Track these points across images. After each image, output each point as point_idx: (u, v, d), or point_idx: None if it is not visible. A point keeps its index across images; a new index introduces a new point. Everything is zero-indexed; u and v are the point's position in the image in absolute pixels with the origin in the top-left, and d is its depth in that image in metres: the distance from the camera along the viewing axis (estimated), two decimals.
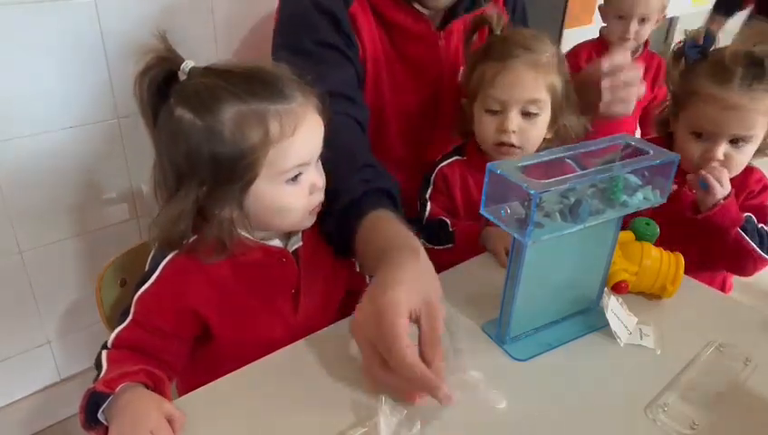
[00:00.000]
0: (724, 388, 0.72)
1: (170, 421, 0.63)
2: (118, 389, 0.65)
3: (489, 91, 0.98)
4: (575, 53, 1.97)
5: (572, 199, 0.69)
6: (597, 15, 2.64)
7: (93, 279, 0.93)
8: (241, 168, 0.70)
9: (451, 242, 1.02)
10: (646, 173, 0.72)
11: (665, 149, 0.73)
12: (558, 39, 2.47)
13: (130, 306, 0.76)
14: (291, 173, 0.73)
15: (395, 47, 1.04)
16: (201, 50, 1.35)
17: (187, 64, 0.72)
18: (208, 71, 0.72)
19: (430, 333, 0.65)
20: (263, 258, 0.78)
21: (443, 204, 1.08)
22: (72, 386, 1.50)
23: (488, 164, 0.68)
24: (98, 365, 0.72)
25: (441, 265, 0.82)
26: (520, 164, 0.68)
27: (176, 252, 0.76)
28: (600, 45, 1.94)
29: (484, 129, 1.00)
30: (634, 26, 1.78)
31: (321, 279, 0.86)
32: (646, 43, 1.89)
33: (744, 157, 1.01)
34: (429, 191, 1.08)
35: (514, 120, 0.98)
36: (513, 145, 0.99)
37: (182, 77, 0.73)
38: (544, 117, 1.00)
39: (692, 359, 0.76)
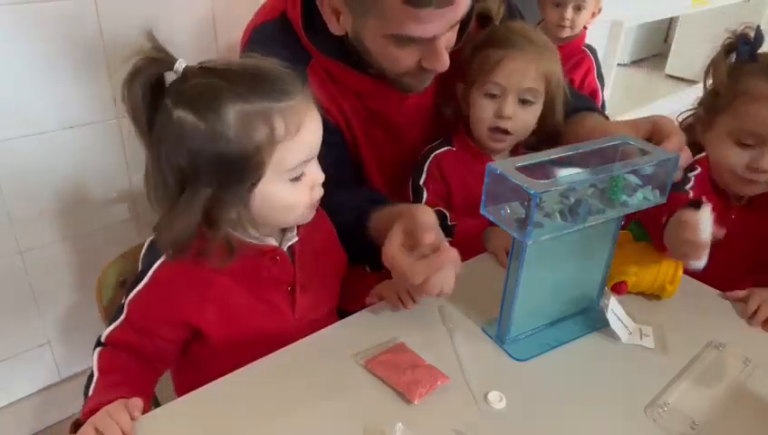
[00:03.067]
0: (724, 388, 0.72)
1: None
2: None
3: (490, 76, 0.99)
4: None
5: (572, 199, 0.69)
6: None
7: (93, 279, 0.93)
8: (248, 168, 0.69)
9: (449, 236, 1.02)
10: (647, 172, 0.72)
11: (663, 149, 0.73)
12: None
13: (124, 305, 0.76)
14: (295, 171, 0.72)
15: (364, 107, 1.03)
16: (201, 50, 1.35)
17: (181, 64, 0.69)
18: (205, 70, 0.70)
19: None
20: (256, 257, 0.78)
21: (438, 191, 1.08)
22: (71, 386, 1.50)
23: (488, 164, 0.69)
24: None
25: None
26: (519, 164, 0.68)
27: (165, 256, 0.74)
28: None
29: (482, 112, 1.02)
30: (569, 13, 1.84)
31: (318, 274, 0.86)
32: (583, 35, 1.94)
33: None
34: (423, 178, 1.08)
35: (511, 106, 1.00)
36: (506, 131, 1.01)
37: (174, 77, 0.70)
38: (538, 106, 1.02)
39: (692, 359, 0.76)
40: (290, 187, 0.73)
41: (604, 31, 2.72)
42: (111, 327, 0.76)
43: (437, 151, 1.09)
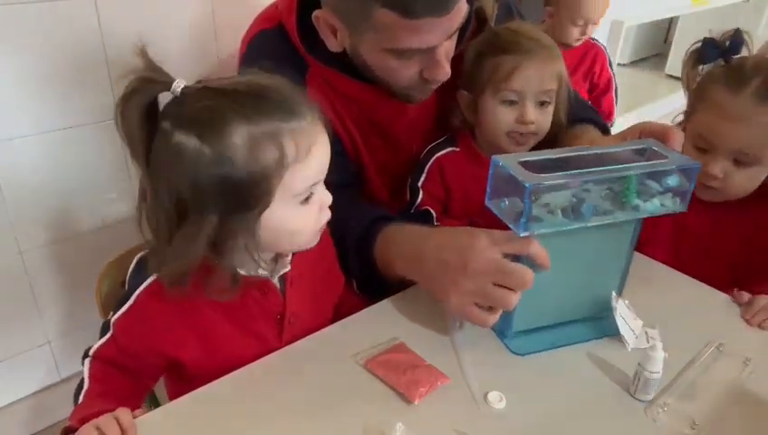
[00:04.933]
0: (724, 388, 0.72)
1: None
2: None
3: (506, 84, 0.98)
4: None
5: (578, 197, 0.69)
6: None
7: (93, 279, 0.93)
8: (256, 194, 0.64)
9: None
10: (668, 181, 0.71)
11: (685, 156, 0.72)
12: None
13: (110, 323, 0.74)
14: (304, 194, 0.68)
15: (363, 115, 1.03)
16: (201, 50, 1.35)
17: (179, 84, 0.64)
18: (206, 90, 0.64)
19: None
20: (244, 288, 0.72)
21: (436, 193, 1.07)
22: (71, 386, 1.49)
23: (492, 157, 0.69)
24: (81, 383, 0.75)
25: None
26: (535, 159, 0.69)
27: (153, 278, 0.71)
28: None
29: (500, 119, 1.01)
30: (590, 30, 1.90)
31: (309, 301, 0.82)
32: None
33: (747, 181, 0.92)
34: (422, 180, 1.07)
35: (532, 110, 0.99)
36: (531, 133, 1.01)
37: (168, 98, 0.65)
38: (553, 105, 1.03)
39: (692, 359, 0.76)
40: (298, 210, 0.69)
41: (604, 31, 2.72)
42: (99, 343, 0.75)
43: (440, 153, 1.08)
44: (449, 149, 1.08)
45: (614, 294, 0.79)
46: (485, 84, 1.00)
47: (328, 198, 0.73)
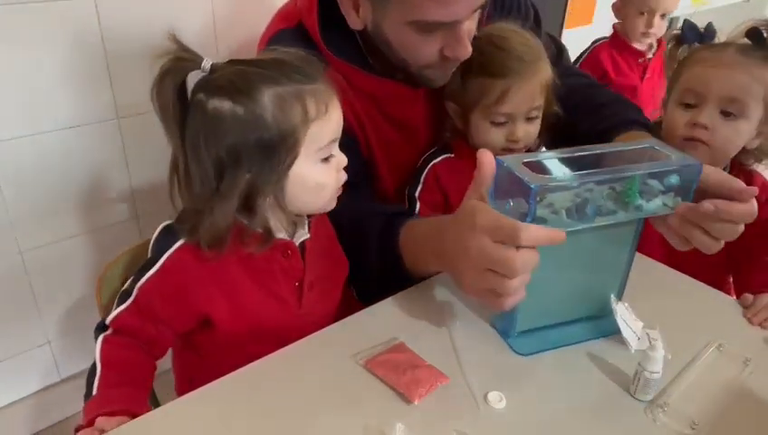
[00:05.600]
0: (724, 388, 0.72)
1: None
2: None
3: (496, 108, 0.98)
4: (594, 56, 1.99)
5: (581, 198, 0.68)
6: (596, 15, 2.65)
7: (93, 279, 0.93)
8: (285, 148, 0.71)
9: None
10: (670, 180, 0.71)
11: (688, 155, 0.72)
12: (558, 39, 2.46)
13: (133, 289, 0.77)
14: (325, 151, 0.75)
15: (379, 110, 1.03)
16: (201, 50, 1.35)
17: (207, 62, 0.71)
18: (233, 62, 0.73)
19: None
20: (268, 250, 0.78)
21: (433, 202, 1.07)
22: (71, 386, 1.50)
23: (496, 157, 0.69)
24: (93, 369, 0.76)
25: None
26: (540, 158, 0.69)
27: (181, 242, 0.75)
28: (618, 43, 1.95)
29: (491, 139, 1.01)
30: (657, 21, 1.81)
31: (325, 272, 0.87)
32: (660, 41, 1.91)
33: (733, 134, 0.92)
34: (419, 190, 1.07)
35: (521, 128, 1.00)
36: (519, 149, 1.02)
37: (199, 75, 0.72)
38: (542, 113, 1.03)
39: (692, 359, 0.76)
40: (321, 167, 0.76)
41: (604, 31, 2.72)
42: (118, 310, 0.78)
43: (435, 161, 1.07)
44: (444, 156, 1.08)
45: (613, 296, 0.80)
46: (474, 104, 1.00)
47: (343, 160, 0.79)
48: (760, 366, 0.76)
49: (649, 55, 1.97)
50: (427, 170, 1.07)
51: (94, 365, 0.76)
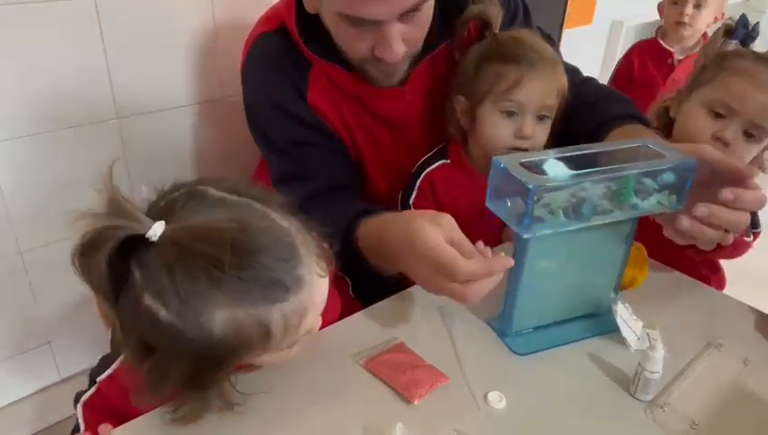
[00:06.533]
0: (724, 388, 0.72)
1: None
2: None
3: (509, 94, 0.96)
4: (629, 54, 2.00)
5: (578, 197, 0.69)
6: (597, 15, 2.65)
7: None
8: (233, 361, 0.59)
9: None
10: (665, 178, 0.71)
11: (683, 154, 0.72)
12: (558, 39, 2.46)
13: (95, 378, 0.73)
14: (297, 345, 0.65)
15: (365, 109, 1.02)
16: (202, 50, 1.35)
17: (156, 231, 0.53)
18: (186, 252, 0.53)
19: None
20: None
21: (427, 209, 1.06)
22: (71, 386, 1.50)
23: (493, 158, 0.69)
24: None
25: None
26: (531, 159, 0.68)
27: None
28: (652, 41, 1.96)
29: (499, 131, 0.99)
30: (689, 9, 1.79)
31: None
32: (704, 36, 1.89)
33: (747, 154, 0.95)
34: (413, 197, 1.05)
35: (531, 125, 0.98)
36: (525, 149, 0.99)
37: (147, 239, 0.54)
38: (551, 121, 1.01)
39: (692, 359, 0.76)
40: (282, 353, 0.64)
41: (604, 31, 2.72)
42: (87, 395, 0.74)
43: (429, 169, 1.06)
44: (440, 162, 1.06)
45: (613, 295, 0.80)
46: (486, 93, 0.98)
47: (316, 326, 0.66)
48: (760, 366, 0.76)
49: (680, 57, 1.96)
50: (422, 178, 1.05)
51: (77, 425, 0.73)
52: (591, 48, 2.68)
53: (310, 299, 0.60)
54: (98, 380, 0.73)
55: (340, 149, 1.04)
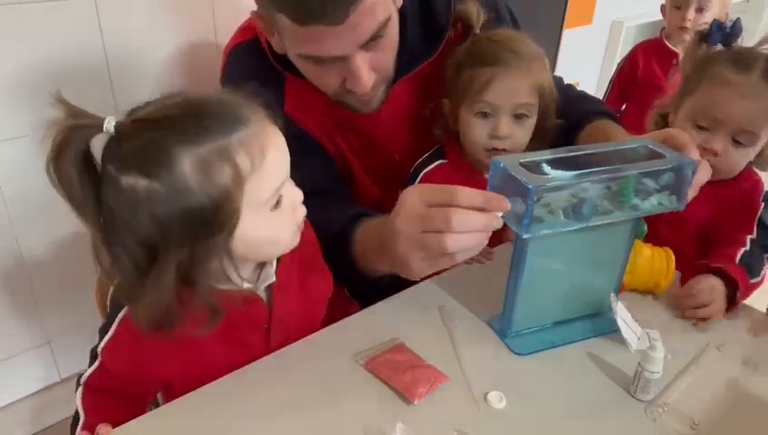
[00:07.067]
0: (724, 388, 0.73)
1: None
2: None
3: (480, 96, 0.96)
4: (634, 54, 2.00)
5: (578, 198, 0.68)
6: (597, 15, 2.65)
7: (93, 279, 0.93)
8: (222, 216, 0.61)
9: None
10: (665, 178, 0.71)
11: (679, 154, 0.72)
12: (558, 39, 2.46)
13: (97, 350, 0.74)
14: (272, 200, 0.66)
15: (343, 122, 1.01)
16: (202, 49, 1.35)
17: (110, 122, 0.59)
18: (141, 123, 0.59)
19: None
20: (227, 304, 0.68)
21: None
22: (71, 386, 1.50)
23: (492, 158, 0.69)
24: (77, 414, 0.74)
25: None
26: (531, 159, 0.68)
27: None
28: (656, 42, 1.96)
29: (476, 133, 0.99)
30: (690, 14, 1.80)
31: (298, 306, 0.80)
32: None
33: (741, 158, 0.95)
34: None
35: (506, 125, 0.97)
36: (503, 149, 0.98)
37: (103, 139, 0.60)
38: (533, 119, 1.00)
39: (692, 359, 0.76)
40: (270, 217, 0.66)
41: (604, 31, 2.72)
42: (89, 372, 0.75)
43: (428, 168, 1.05)
44: (438, 162, 1.06)
45: (613, 295, 0.80)
46: (462, 96, 0.99)
47: (299, 195, 0.70)
48: (760, 366, 0.76)
49: None
50: (419, 178, 1.05)
51: (77, 414, 0.74)
52: (591, 48, 2.68)
53: (266, 135, 0.63)
54: (99, 348, 0.73)
55: (321, 153, 1.02)
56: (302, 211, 0.71)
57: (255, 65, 0.96)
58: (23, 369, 1.43)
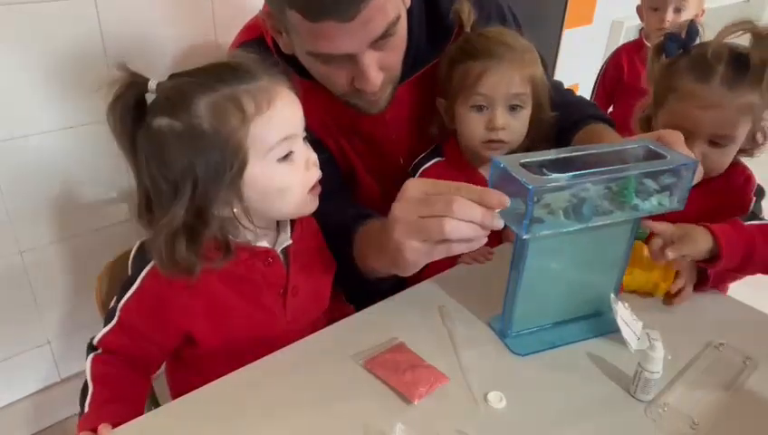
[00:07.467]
0: (724, 388, 0.72)
1: None
2: None
3: (474, 89, 0.97)
4: (617, 57, 1.99)
5: (578, 198, 0.68)
6: (597, 15, 2.65)
7: (93, 279, 0.93)
8: (228, 154, 0.68)
9: None
10: (664, 179, 0.71)
11: (681, 154, 0.72)
12: (558, 39, 2.47)
13: (116, 309, 0.76)
14: (279, 149, 0.72)
15: (347, 123, 1.02)
16: (202, 48, 1.35)
17: (153, 82, 0.70)
18: (173, 76, 0.71)
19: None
20: (248, 260, 0.77)
21: None
22: (71, 386, 1.50)
23: (492, 158, 0.69)
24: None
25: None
26: (530, 160, 0.68)
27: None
28: (638, 44, 1.96)
29: (472, 127, 1.00)
30: (669, 16, 1.80)
31: (311, 276, 0.85)
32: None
33: (724, 158, 0.95)
34: None
35: (501, 116, 0.98)
36: (501, 141, 0.99)
37: (151, 97, 0.71)
38: (528, 110, 1.01)
39: (692, 359, 0.76)
40: (281, 168, 0.72)
41: (604, 31, 2.73)
42: (104, 331, 0.77)
43: (425, 167, 1.06)
44: (435, 160, 1.06)
45: (613, 296, 0.80)
46: (457, 92, 0.99)
47: (313, 157, 0.76)
48: (760, 366, 0.76)
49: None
50: (417, 176, 1.05)
51: (86, 385, 0.75)
52: (591, 48, 2.68)
53: (275, 90, 0.72)
54: (119, 306, 0.76)
55: (327, 156, 1.02)
56: (316, 173, 0.77)
57: None
58: (23, 369, 1.43)
